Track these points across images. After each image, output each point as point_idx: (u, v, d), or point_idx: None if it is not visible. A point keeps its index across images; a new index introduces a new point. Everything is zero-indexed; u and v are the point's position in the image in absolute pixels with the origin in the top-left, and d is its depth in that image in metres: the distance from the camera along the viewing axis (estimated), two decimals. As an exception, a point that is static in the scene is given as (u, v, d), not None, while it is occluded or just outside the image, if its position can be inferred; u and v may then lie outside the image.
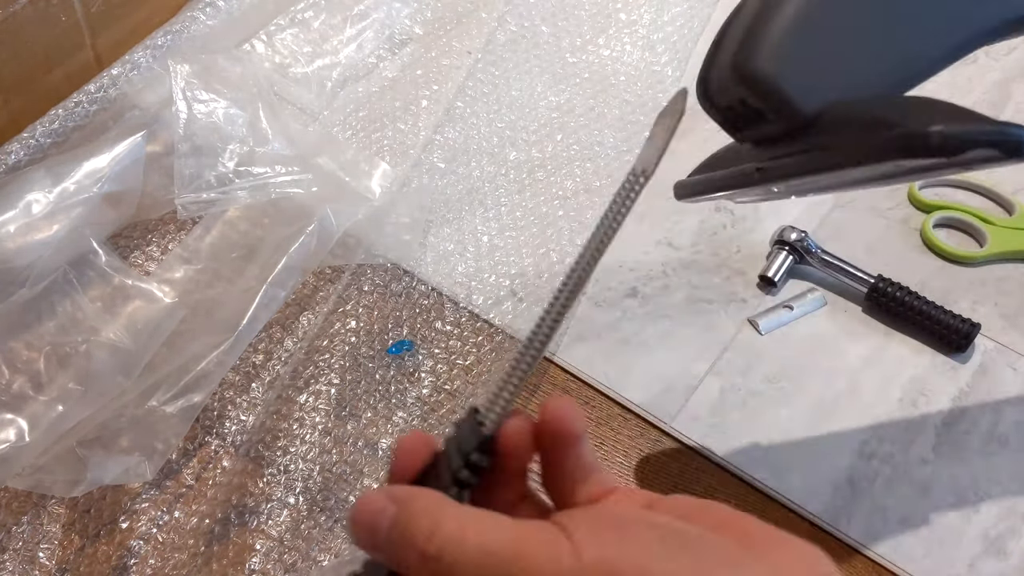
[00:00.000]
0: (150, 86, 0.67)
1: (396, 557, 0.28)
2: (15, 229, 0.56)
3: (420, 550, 0.27)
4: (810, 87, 0.35)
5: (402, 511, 0.28)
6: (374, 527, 0.28)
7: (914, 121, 0.32)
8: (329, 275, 0.63)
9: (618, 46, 0.76)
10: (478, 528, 0.27)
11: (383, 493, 0.28)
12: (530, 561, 0.26)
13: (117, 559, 0.51)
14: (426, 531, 0.27)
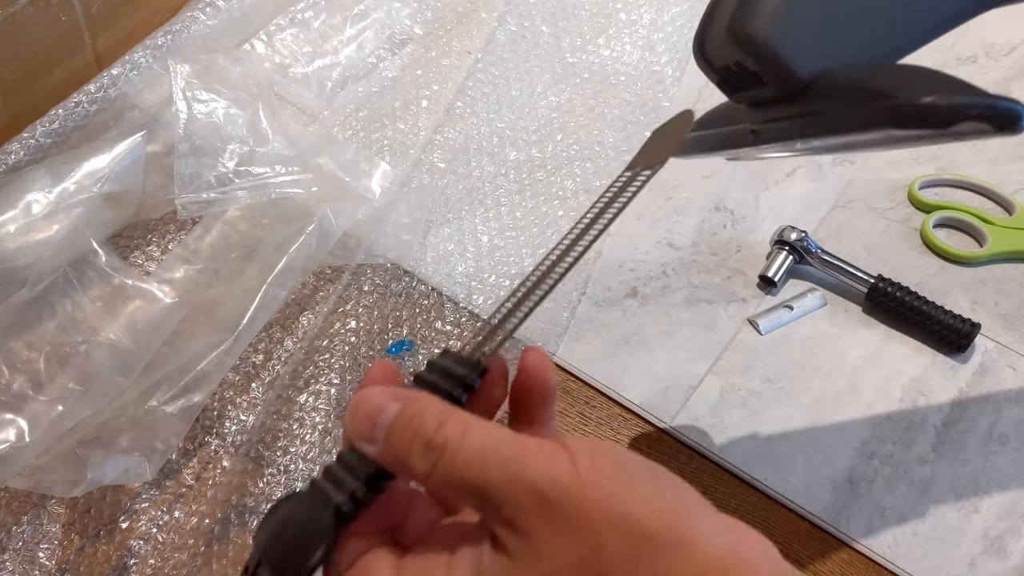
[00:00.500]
0: (150, 86, 0.67)
1: (394, 450, 0.28)
2: (15, 229, 0.56)
3: (427, 439, 0.27)
4: (806, 52, 0.36)
5: (408, 407, 0.28)
6: (375, 420, 0.29)
7: (906, 91, 0.32)
8: (329, 275, 0.63)
9: (618, 46, 0.76)
10: (482, 428, 0.28)
11: (384, 393, 0.29)
12: (529, 463, 0.27)
13: (117, 559, 0.51)
14: (434, 424, 0.28)
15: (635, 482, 0.27)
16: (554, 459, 0.27)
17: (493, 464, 0.27)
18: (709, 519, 0.27)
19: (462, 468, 0.27)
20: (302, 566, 0.29)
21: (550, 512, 0.26)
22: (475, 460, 0.27)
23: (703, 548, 0.26)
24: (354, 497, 0.29)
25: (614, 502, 0.26)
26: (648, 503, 0.26)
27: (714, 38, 0.38)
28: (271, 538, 0.30)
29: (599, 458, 0.27)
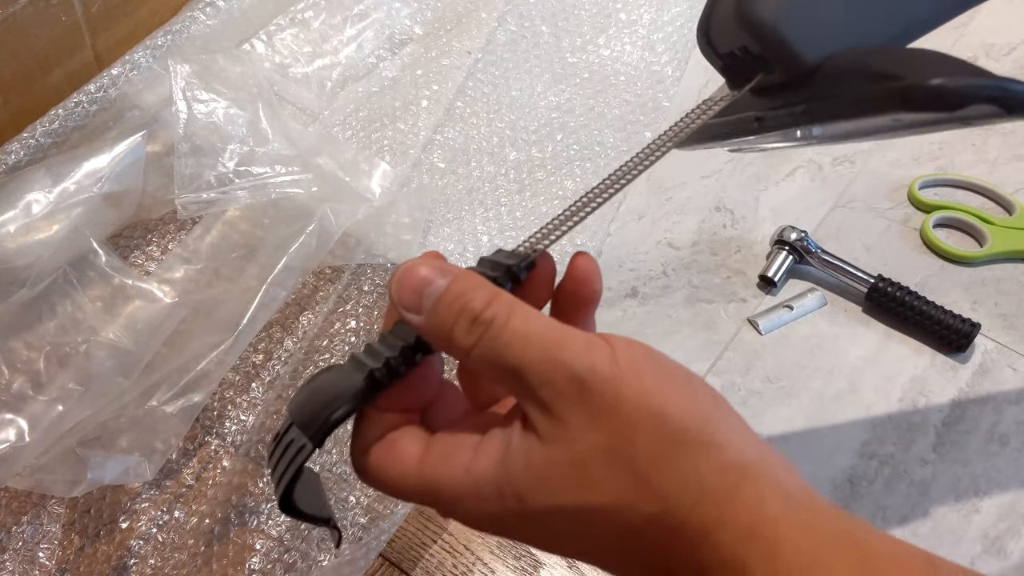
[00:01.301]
0: (150, 86, 0.67)
1: (440, 322, 0.29)
2: (15, 229, 0.56)
3: (474, 315, 0.28)
4: (813, 36, 0.35)
5: (457, 282, 0.29)
6: (422, 291, 0.29)
7: (915, 73, 0.32)
8: (329, 275, 0.63)
9: (618, 46, 0.76)
10: (528, 311, 0.28)
11: (432, 267, 0.29)
12: (571, 349, 0.27)
13: (117, 559, 0.51)
14: (482, 301, 0.28)
15: (672, 381, 0.28)
16: (595, 348, 0.27)
17: (536, 345, 0.27)
18: (738, 429, 0.28)
19: (505, 346, 0.28)
20: (327, 419, 0.29)
21: (587, 398, 0.27)
22: (519, 339, 0.28)
23: (729, 451, 0.27)
24: (388, 364, 0.30)
25: (650, 396, 0.27)
26: (682, 402, 0.27)
27: (719, 23, 0.38)
28: (302, 399, 0.31)
29: (638, 354, 0.28)
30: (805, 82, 0.36)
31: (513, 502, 0.28)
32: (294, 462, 0.30)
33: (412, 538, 0.52)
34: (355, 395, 0.30)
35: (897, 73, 0.32)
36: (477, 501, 0.29)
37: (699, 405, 0.28)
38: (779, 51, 0.35)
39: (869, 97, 0.33)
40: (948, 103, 0.31)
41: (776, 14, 0.35)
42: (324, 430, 0.30)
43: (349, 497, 0.53)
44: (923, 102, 0.31)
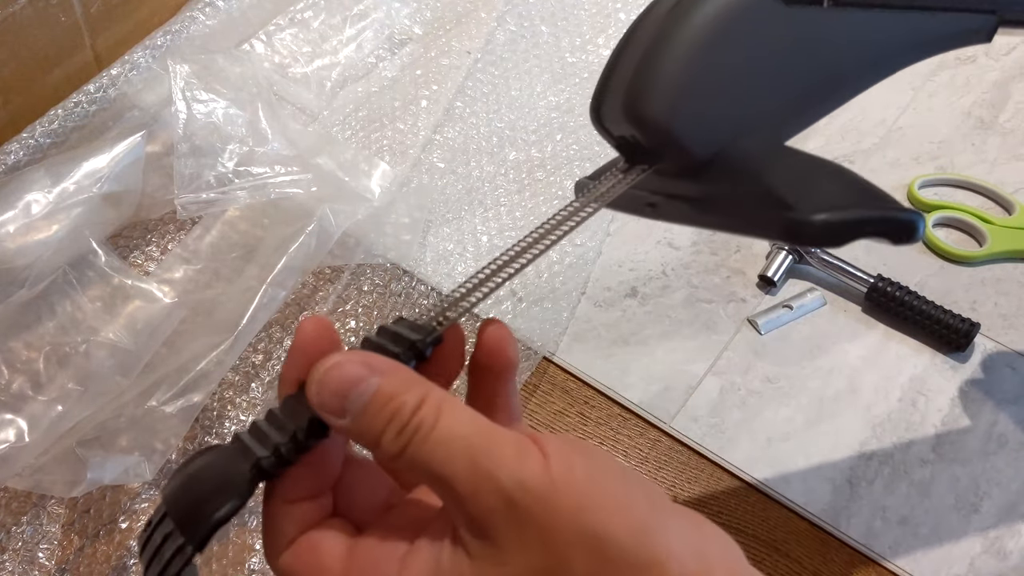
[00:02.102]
0: (149, 86, 0.67)
1: (366, 429, 0.26)
2: (15, 229, 0.56)
3: (401, 425, 0.26)
4: (705, 130, 0.33)
5: (388, 383, 0.26)
6: (348, 394, 0.26)
7: (803, 202, 0.30)
8: (328, 275, 0.63)
9: (618, 46, 0.76)
10: (457, 414, 0.26)
11: (359, 362, 0.26)
12: (500, 460, 0.25)
13: (117, 559, 0.51)
14: (413, 404, 0.26)
15: (607, 489, 0.26)
16: (526, 458, 0.25)
17: (463, 454, 0.25)
18: (677, 533, 0.26)
19: (430, 453, 0.25)
20: (208, 518, 0.26)
21: (517, 517, 0.25)
22: (445, 447, 0.25)
23: (669, 568, 0.25)
24: (278, 452, 0.27)
25: (585, 513, 0.25)
26: (620, 515, 0.25)
27: (608, 108, 0.35)
28: (179, 488, 0.27)
29: (572, 459, 0.26)
30: (698, 175, 0.33)
31: None
32: (171, 566, 0.26)
33: (412, 538, 0.52)
34: (240, 491, 0.27)
35: (785, 198, 0.30)
36: None
37: (638, 515, 0.25)
38: (668, 147, 0.33)
39: (754, 224, 0.32)
40: (832, 239, 0.30)
41: (664, 110, 0.32)
42: (206, 532, 0.26)
43: (349, 497, 0.53)
44: (806, 238, 0.30)
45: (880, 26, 0.35)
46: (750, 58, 0.32)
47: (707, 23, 0.32)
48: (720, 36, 0.32)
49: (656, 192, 0.35)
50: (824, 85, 0.35)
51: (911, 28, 0.36)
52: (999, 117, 0.72)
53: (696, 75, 0.32)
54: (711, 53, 0.32)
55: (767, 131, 0.34)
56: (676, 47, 0.32)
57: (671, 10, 0.33)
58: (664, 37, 0.32)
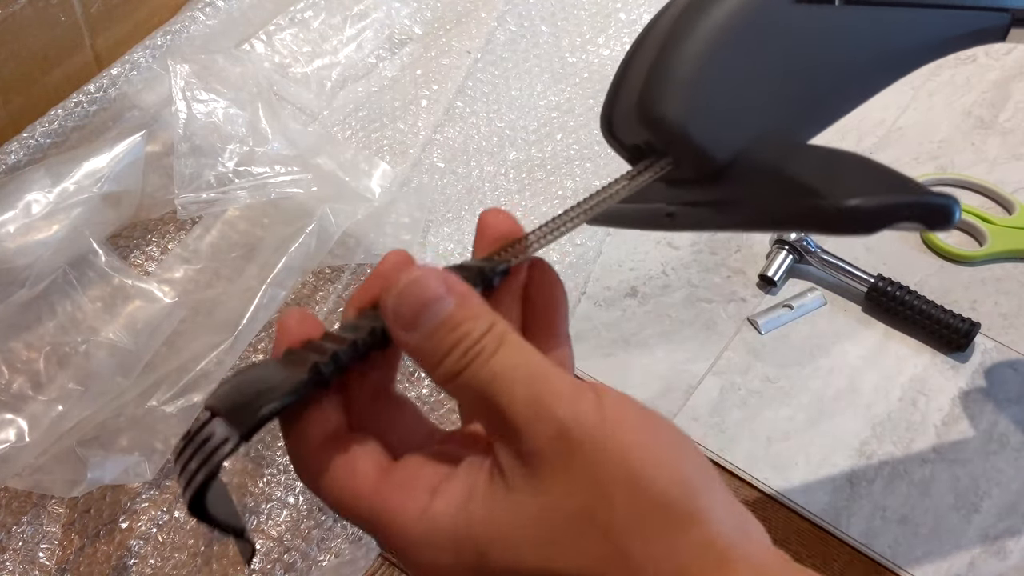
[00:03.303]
0: (150, 86, 0.67)
1: (434, 346, 0.26)
2: (15, 229, 0.56)
3: (467, 347, 0.26)
4: (722, 132, 0.32)
5: (463, 306, 0.26)
6: (423, 311, 0.26)
7: (831, 190, 0.29)
8: (329, 275, 0.63)
9: (618, 45, 0.76)
10: (520, 344, 0.26)
11: (439, 279, 0.27)
12: (557, 393, 0.25)
13: (117, 559, 0.51)
14: (481, 331, 0.26)
15: (660, 440, 0.26)
16: (583, 395, 0.25)
17: (521, 384, 0.25)
18: (723, 501, 0.26)
19: (488, 380, 0.26)
20: (259, 409, 0.26)
21: (567, 450, 0.25)
22: (505, 375, 0.26)
23: (711, 528, 0.25)
24: (336, 357, 0.27)
25: (635, 454, 0.25)
26: (668, 466, 0.25)
27: (621, 117, 0.34)
28: (230, 388, 0.27)
29: (627, 407, 0.26)
30: (717, 179, 0.32)
31: (471, 556, 0.26)
32: (212, 458, 0.26)
33: (412, 538, 0.52)
34: (296, 387, 0.26)
35: (812, 186, 0.29)
36: (429, 550, 0.26)
37: (685, 470, 0.25)
38: (685, 151, 0.32)
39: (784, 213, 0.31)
40: (865, 225, 0.29)
41: (680, 111, 0.31)
42: (256, 422, 0.26)
43: (349, 497, 0.53)
44: (839, 224, 0.29)
45: (893, 25, 0.35)
46: (764, 59, 0.32)
47: (718, 25, 0.31)
48: (732, 38, 0.31)
49: (673, 202, 0.35)
50: (839, 85, 0.34)
51: (924, 27, 0.36)
52: (999, 117, 0.72)
53: (710, 77, 0.31)
54: (724, 55, 0.31)
55: (785, 132, 0.33)
56: (689, 50, 0.32)
57: (681, 14, 0.32)
58: (676, 41, 0.32)
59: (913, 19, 0.35)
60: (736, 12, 0.31)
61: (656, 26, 0.34)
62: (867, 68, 0.35)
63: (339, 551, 0.51)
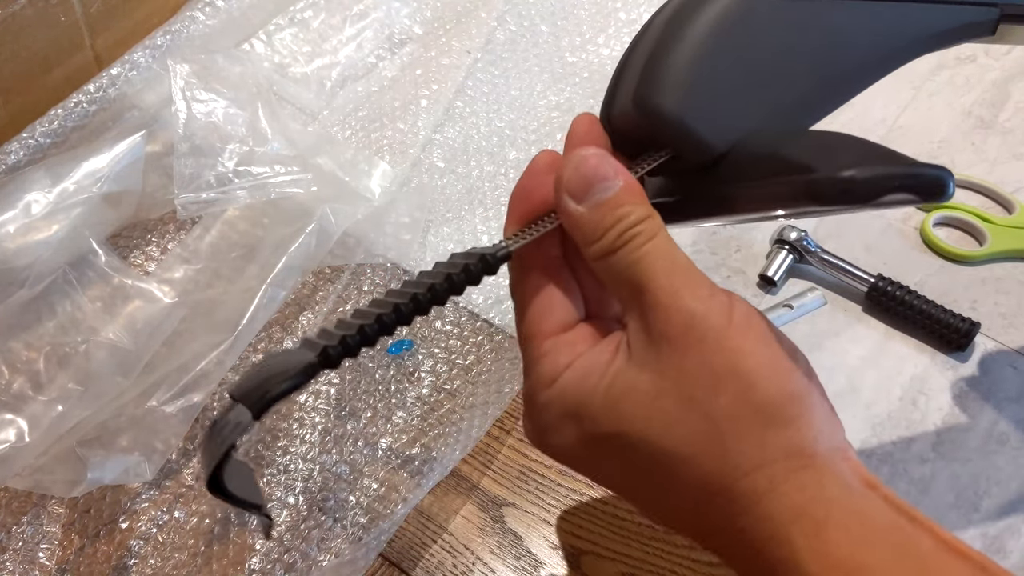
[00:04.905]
0: (149, 86, 0.67)
1: (598, 220, 0.30)
2: (14, 229, 0.56)
3: (629, 225, 0.29)
4: (718, 121, 0.33)
5: (629, 189, 0.30)
6: (593, 185, 0.30)
7: (825, 163, 0.30)
8: (328, 275, 0.63)
9: (618, 45, 0.76)
10: (670, 242, 0.30)
11: (611, 163, 0.30)
12: (694, 288, 0.29)
13: (117, 559, 0.51)
14: (640, 215, 0.29)
15: (776, 353, 0.28)
16: (716, 298, 0.28)
17: (665, 272, 0.29)
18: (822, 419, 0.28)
19: (638, 261, 0.29)
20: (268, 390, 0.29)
21: (690, 338, 0.28)
22: (655, 261, 0.29)
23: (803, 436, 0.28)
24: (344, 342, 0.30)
25: (748, 358, 0.28)
26: (777, 375, 0.28)
27: (620, 111, 0.35)
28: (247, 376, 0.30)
29: (753, 319, 0.29)
30: (716, 169, 0.34)
31: (582, 424, 0.29)
32: (227, 438, 0.29)
33: (412, 538, 0.52)
34: (302, 370, 0.29)
35: (807, 163, 0.31)
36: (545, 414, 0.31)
37: (792, 383, 0.28)
38: (685, 142, 0.33)
39: (781, 190, 0.32)
40: (860, 196, 0.30)
41: (678, 103, 0.33)
42: (265, 403, 0.29)
43: (349, 497, 0.53)
44: (834, 196, 0.30)
45: (883, 18, 0.35)
46: (756, 52, 0.33)
47: (712, 20, 0.32)
48: (726, 31, 0.32)
49: (675, 194, 0.36)
50: (831, 78, 0.35)
51: (914, 20, 0.36)
52: (999, 116, 0.72)
53: (705, 69, 0.33)
54: (718, 48, 0.32)
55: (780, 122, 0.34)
56: (684, 43, 0.33)
57: (677, 11, 0.33)
58: (672, 35, 0.33)
59: (903, 13, 0.36)
60: (729, 8, 0.32)
61: (653, 23, 0.35)
62: (859, 61, 0.36)
63: (339, 551, 0.51)
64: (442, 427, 0.56)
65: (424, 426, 0.56)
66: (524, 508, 0.53)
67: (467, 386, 0.58)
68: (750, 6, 0.32)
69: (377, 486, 0.54)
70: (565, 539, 0.52)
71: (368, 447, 0.55)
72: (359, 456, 0.55)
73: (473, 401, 0.57)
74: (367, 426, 0.56)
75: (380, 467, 0.55)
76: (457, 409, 0.57)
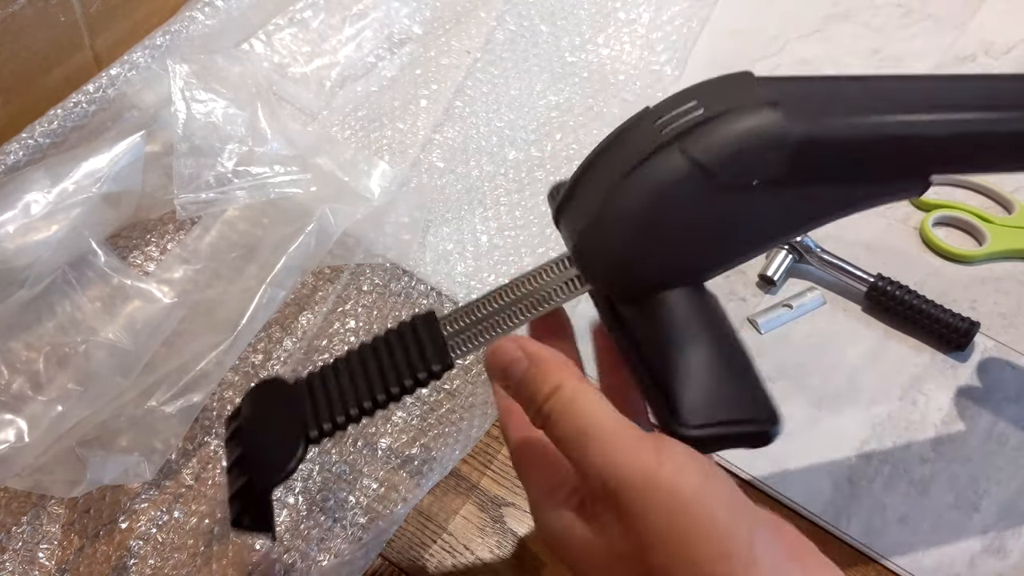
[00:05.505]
0: (149, 86, 0.67)
1: (520, 399, 0.33)
2: (14, 230, 0.56)
3: (537, 407, 0.32)
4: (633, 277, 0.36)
5: (532, 367, 0.32)
6: (507, 372, 0.33)
7: (679, 410, 0.33)
8: (328, 275, 0.63)
9: (617, 45, 0.76)
10: (583, 404, 0.31)
11: (517, 344, 0.33)
12: (612, 448, 0.29)
13: (117, 559, 0.51)
14: (546, 393, 0.31)
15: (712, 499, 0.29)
16: (640, 450, 0.29)
17: (576, 445, 0.30)
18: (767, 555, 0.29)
19: (559, 439, 0.31)
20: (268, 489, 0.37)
21: (615, 504, 0.29)
22: (565, 435, 0.31)
23: None
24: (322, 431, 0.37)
25: (684, 514, 0.28)
26: (716, 526, 0.28)
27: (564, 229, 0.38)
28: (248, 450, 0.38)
29: (685, 464, 0.29)
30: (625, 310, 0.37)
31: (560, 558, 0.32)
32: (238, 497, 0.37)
33: (412, 538, 0.52)
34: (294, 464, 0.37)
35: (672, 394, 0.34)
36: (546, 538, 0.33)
37: (731, 529, 0.29)
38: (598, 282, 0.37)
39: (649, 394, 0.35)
40: (699, 449, 0.32)
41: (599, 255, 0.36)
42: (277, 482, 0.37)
43: (349, 497, 0.53)
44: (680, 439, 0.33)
45: (810, 195, 0.37)
46: (680, 225, 0.35)
47: (646, 197, 0.34)
48: (655, 207, 0.34)
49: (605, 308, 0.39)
50: (753, 244, 0.38)
51: (842, 195, 0.38)
52: (999, 116, 0.72)
53: (632, 236, 0.35)
54: (646, 221, 0.34)
55: (688, 279, 0.36)
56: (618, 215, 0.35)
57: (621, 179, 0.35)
58: (610, 203, 0.35)
59: (832, 191, 0.37)
60: (662, 188, 0.34)
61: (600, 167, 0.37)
62: (782, 230, 0.38)
63: (339, 551, 0.51)
64: (441, 427, 0.56)
65: (424, 426, 0.56)
66: (524, 508, 0.53)
67: (467, 386, 0.58)
68: (678, 189, 0.34)
69: (377, 486, 0.54)
70: (565, 539, 0.52)
71: (367, 447, 0.55)
72: (358, 456, 0.55)
73: (473, 401, 0.57)
74: (366, 426, 0.56)
75: (379, 467, 0.55)
76: (457, 409, 0.57)
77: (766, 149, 0.32)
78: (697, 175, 0.32)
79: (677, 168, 0.32)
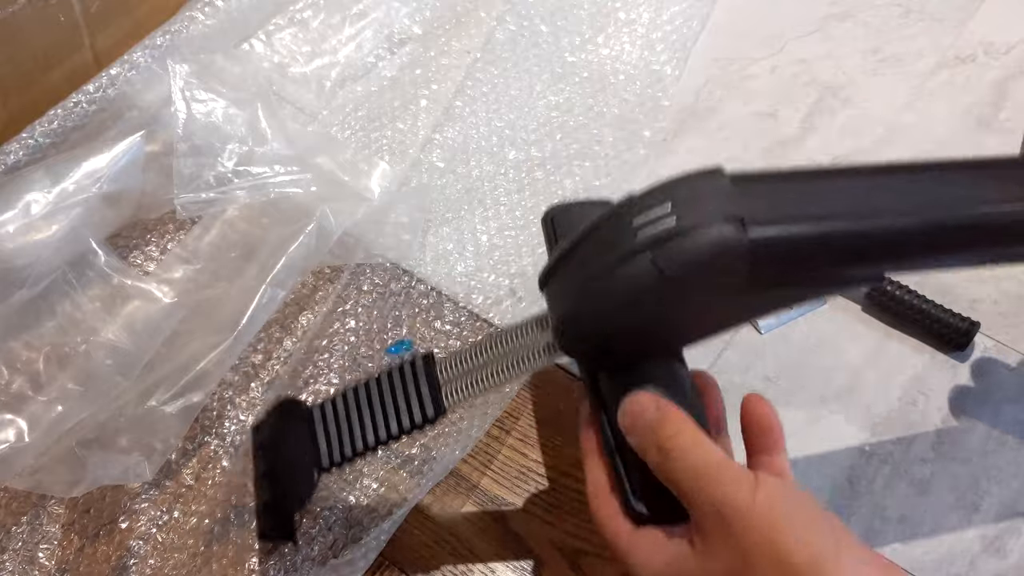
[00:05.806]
0: (149, 86, 0.67)
1: (642, 442, 0.38)
2: (14, 229, 0.56)
3: (658, 443, 0.38)
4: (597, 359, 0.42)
5: (659, 414, 0.38)
6: (639, 417, 0.39)
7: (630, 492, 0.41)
8: (328, 275, 0.63)
9: (617, 45, 0.76)
10: (699, 449, 0.37)
11: (650, 397, 0.39)
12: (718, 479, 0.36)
13: (117, 559, 0.51)
14: (669, 433, 0.37)
15: (799, 522, 0.34)
16: (740, 482, 0.35)
17: (692, 476, 0.36)
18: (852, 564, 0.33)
19: (672, 472, 0.37)
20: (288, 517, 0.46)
21: (722, 526, 0.35)
22: (684, 470, 0.36)
23: None
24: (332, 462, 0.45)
25: (776, 531, 0.33)
26: (801, 538, 0.33)
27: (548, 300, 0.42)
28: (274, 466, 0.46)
29: (776, 492, 0.35)
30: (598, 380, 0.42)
31: None
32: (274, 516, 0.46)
33: (412, 538, 0.52)
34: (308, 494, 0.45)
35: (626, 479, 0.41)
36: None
37: (816, 548, 0.33)
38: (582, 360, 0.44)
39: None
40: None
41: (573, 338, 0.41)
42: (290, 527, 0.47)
43: (349, 497, 0.53)
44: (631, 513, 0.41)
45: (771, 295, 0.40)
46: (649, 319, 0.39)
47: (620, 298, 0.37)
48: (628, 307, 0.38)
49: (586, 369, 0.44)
50: (722, 327, 0.43)
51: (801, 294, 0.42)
52: (999, 116, 0.72)
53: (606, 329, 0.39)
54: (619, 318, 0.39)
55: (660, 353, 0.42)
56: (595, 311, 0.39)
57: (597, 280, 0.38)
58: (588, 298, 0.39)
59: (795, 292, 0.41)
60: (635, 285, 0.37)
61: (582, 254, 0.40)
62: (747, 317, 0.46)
63: (339, 551, 0.51)
64: (441, 427, 0.56)
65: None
66: (524, 508, 0.53)
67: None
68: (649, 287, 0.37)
69: (377, 486, 0.54)
70: (565, 539, 0.52)
71: (368, 447, 0.55)
72: (359, 456, 0.55)
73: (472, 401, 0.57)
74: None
75: (380, 467, 0.55)
76: (456, 409, 0.57)
77: (728, 264, 0.36)
78: (666, 283, 0.36)
79: (648, 274, 0.36)
